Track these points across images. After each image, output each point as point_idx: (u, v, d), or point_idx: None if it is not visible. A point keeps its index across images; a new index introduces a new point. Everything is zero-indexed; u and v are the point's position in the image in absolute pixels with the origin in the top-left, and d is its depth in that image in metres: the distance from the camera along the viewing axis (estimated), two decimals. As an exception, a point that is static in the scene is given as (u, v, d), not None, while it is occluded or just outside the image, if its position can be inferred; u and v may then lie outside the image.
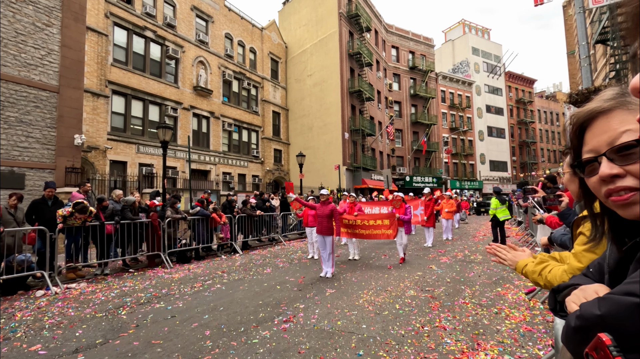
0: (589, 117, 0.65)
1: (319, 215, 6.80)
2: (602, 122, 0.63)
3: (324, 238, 6.74)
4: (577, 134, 0.68)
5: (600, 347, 0.51)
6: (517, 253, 1.44)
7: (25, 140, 10.25)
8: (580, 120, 0.67)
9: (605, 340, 0.51)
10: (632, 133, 0.58)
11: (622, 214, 0.62)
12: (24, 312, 4.83)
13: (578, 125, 0.68)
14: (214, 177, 21.65)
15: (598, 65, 17.23)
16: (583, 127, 0.67)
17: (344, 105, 25.88)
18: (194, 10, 21.39)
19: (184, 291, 5.80)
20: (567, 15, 26.53)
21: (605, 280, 0.72)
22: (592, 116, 0.65)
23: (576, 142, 0.69)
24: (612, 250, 0.72)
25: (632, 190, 0.58)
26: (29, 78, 10.42)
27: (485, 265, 7.45)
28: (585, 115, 0.66)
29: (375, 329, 3.85)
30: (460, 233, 14.09)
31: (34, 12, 10.60)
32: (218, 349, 3.42)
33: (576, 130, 0.68)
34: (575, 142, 0.69)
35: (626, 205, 0.60)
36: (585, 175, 0.67)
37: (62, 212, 6.49)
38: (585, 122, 0.66)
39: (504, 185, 41.64)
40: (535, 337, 3.58)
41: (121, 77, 17.11)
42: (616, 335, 0.52)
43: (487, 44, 46.26)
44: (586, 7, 11.28)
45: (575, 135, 0.68)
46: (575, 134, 0.69)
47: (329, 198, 7.00)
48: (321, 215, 6.76)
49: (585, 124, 0.66)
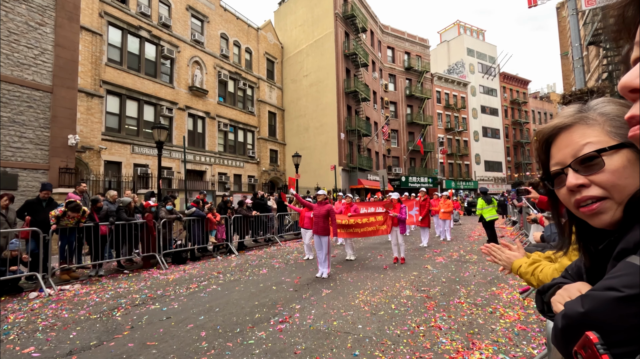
0: (553, 133, 0.70)
1: (316, 215, 6.80)
2: (564, 136, 0.68)
3: (320, 239, 6.73)
4: (543, 149, 0.73)
5: (587, 345, 0.52)
6: (512, 253, 1.46)
7: (18, 140, 10.15)
8: (545, 136, 0.71)
9: (593, 338, 0.52)
10: (593, 145, 0.63)
11: (593, 223, 0.65)
12: (16, 314, 4.78)
13: (543, 141, 0.72)
14: (210, 178, 21.57)
15: (591, 66, 17.41)
16: (548, 142, 0.71)
17: (340, 106, 25.91)
18: (189, 10, 21.31)
19: (179, 292, 5.78)
20: (560, 17, 26.78)
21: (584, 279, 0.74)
22: (555, 131, 0.69)
23: (544, 157, 0.73)
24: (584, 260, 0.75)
25: (598, 199, 0.62)
26: (22, 77, 10.32)
27: (481, 264, 7.50)
28: (549, 131, 0.71)
29: (371, 330, 3.87)
30: (455, 233, 14.16)
31: (27, 11, 10.50)
32: (214, 351, 3.41)
33: (542, 145, 0.72)
34: (543, 157, 0.73)
35: (595, 214, 0.63)
36: (554, 187, 0.71)
37: (54, 213, 6.44)
38: (550, 137, 0.71)
39: (499, 186, 41.94)
40: (529, 336, 3.61)
41: (116, 77, 17.00)
42: (601, 330, 0.53)
43: (482, 45, 46.57)
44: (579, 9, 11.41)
45: (542, 150, 0.73)
46: (542, 149, 0.73)
47: (326, 199, 7.00)
48: (317, 215, 6.76)
49: (550, 139, 0.71)
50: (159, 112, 19.02)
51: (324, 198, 6.95)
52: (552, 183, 0.71)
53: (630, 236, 0.57)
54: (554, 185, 0.71)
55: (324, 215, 6.70)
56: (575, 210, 0.67)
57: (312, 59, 27.49)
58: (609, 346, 0.51)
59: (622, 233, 0.60)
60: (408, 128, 36.21)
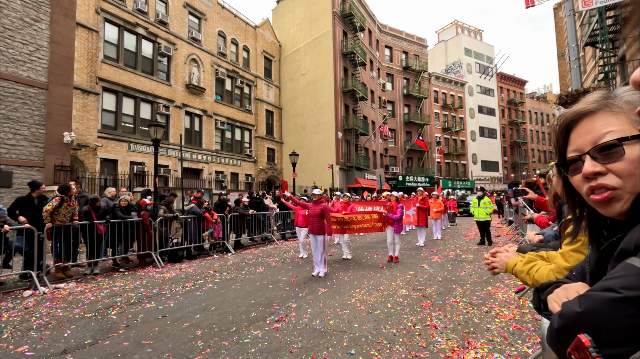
0: (575, 118, 0.68)
1: (311, 214, 6.80)
2: (586, 122, 0.66)
3: (315, 238, 6.73)
4: (563, 134, 0.71)
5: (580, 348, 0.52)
6: (503, 254, 1.45)
7: (12, 137, 10.06)
8: (567, 121, 0.70)
9: (585, 341, 0.52)
10: (615, 134, 0.62)
11: (603, 212, 0.65)
12: (10, 312, 4.74)
13: (564, 126, 0.71)
14: (207, 176, 21.50)
15: (587, 67, 17.50)
16: (569, 128, 0.70)
17: (337, 105, 25.90)
18: (186, 8, 21.19)
19: (175, 290, 5.76)
20: (557, 18, 26.88)
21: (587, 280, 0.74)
22: (578, 117, 0.68)
23: (562, 142, 0.72)
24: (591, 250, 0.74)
25: (612, 188, 0.61)
26: (17, 74, 10.22)
27: (476, 264, 7.53)
28: (571, 116, 0.69)
29: (367, 329, 3.87)
30: (452, 232, 14.21)
31: (22, 7, 10.40)
32: (209, 349, 3.40)
33: (562, 131, 0.71)
34: (562, 142, 0.72)
35: (606, 202, 0.63)
36: (569, 173, 0.70)
37: (49, 207, 6.35)
38: (571, 123, 0.69)
39: (495, 185, 42.13)
40: (524, 335, 3.63)
41: (112, 74, 16.88)
42: (597, 331, 0.53)
43: (480, 45, 46.71)
44: (576, 10, 11.47)
45: (562, 135, 0.71)
46: (561, 134, 0.71)
47: (322, 197, 6.99)
48: (313, 214, 6.75)
49: (571, 125, 0.69)
50: (155, 109, 18.92)
51: (319, 197, 6.92)
52: (567, 170, 0.71)
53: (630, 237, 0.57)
54: (568, 171, 0.70)
55: (319, 214, 6.69)
56: (587, 198, 0.66)
57: (310, 57, 27.45)
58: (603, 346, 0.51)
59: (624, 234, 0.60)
60: (405, 127, 36.26)
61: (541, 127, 52.53)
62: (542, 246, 2.55)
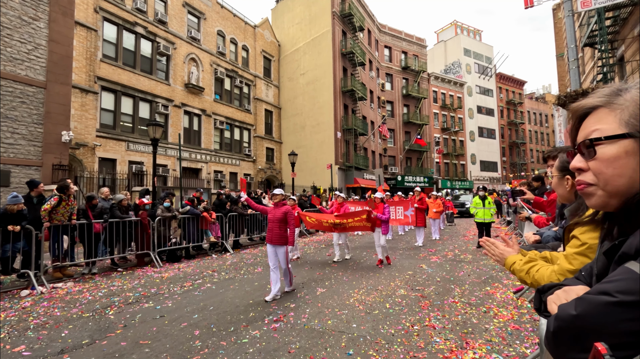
0: (584, 113, 0.71)
1: (270, 219, 5.34)
2: (590, 117, 0.69)
3: (274, 249, 5.24)
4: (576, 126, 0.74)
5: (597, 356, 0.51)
6: (505, 248, 1.45)
7: (10, 136, 10.03)
8: (578, 114, 0.73)
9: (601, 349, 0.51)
10: (598, 132, 0.65)
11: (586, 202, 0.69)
12: (7, 312, 4.72)
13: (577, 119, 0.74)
14: (206, 175, 21.47)
15: (586, 67, 17.52)
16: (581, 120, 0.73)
17: (336, 105, 25.90)
18: (185, 7, 21.15)
19: (173, 290, 5.75)
20: (556, 18, 26.92)
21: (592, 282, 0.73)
22: (585, 111, 0.71)
23: (574, 134, 0.75)
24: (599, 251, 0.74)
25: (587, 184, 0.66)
26: (15, 73, 10.19)
27: (475, 264, 7.54)
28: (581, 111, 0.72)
29: (365, 329, 3.87)
30: (450, 232, 14.22)
31: (20, 5, 10.36)
32: (207, 349, 3.39)
33: (576, 122, 0.74)
34: (574, 134, 0.75)
35: (584, 194, 0.68)
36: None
37: (47, 206, 6.33)
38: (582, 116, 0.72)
39: (494, 185, 42.17)
40: (522, 335, 3.63)
41: (111, 73, 16.84)
42: (591, 334, 0.52)
43: (479, 45, 46.75)
44: (575, 11, 11.47)
45: (575, 127, 0.74)
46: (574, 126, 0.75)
47: (284, 199, 5.79)
48: (272, 219, 5.30)
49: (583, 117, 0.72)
50: (154, 109, 18.88)
51: (281, 199, 5.52)
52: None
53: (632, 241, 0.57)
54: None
55: (280, 219, 5.25)
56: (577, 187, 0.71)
57: (309, 57, 27.43)
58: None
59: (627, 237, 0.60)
60: (404, 127, 36.28)
61: (540, 128, 52.62)
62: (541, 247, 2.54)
